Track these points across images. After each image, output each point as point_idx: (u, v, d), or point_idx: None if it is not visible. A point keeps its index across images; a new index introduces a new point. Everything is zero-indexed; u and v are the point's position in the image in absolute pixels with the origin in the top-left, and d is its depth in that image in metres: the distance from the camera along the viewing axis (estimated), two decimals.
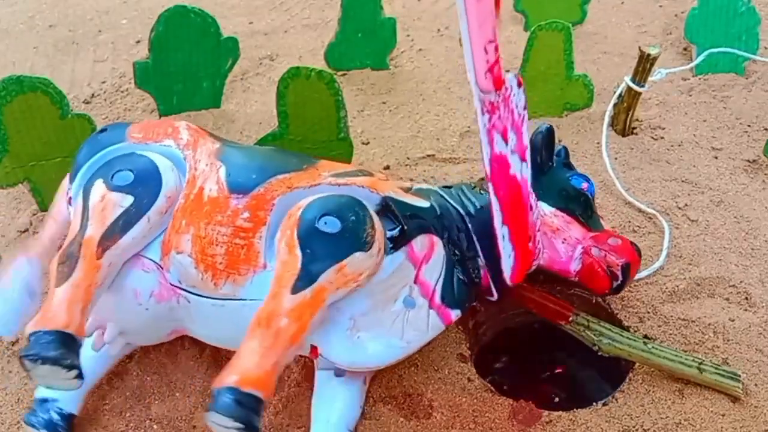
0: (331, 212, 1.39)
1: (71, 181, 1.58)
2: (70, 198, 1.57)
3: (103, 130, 1.65)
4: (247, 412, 1.19)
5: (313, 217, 1.38)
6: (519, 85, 1.42)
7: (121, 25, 3.14)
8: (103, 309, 1.49)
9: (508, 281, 1.59)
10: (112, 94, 2.65)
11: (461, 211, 1.61)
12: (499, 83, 1.37)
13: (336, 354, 1.45)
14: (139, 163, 1.51)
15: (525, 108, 1.45)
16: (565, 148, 1.85)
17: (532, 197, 1.58)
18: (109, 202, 1.45)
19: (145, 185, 1.47)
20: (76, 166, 1.58)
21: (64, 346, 1.28)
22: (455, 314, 1.55)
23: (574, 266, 1.68)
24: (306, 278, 1.33)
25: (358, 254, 1.36)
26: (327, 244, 1.36)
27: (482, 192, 1.66)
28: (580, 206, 1.73)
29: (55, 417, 1.53)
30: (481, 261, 1.59)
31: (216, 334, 1.54)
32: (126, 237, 1.42)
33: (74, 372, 1.28)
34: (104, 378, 1.64)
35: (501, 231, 1.52)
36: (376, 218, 1.44)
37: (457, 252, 1.58)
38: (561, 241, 1.69)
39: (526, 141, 1.48)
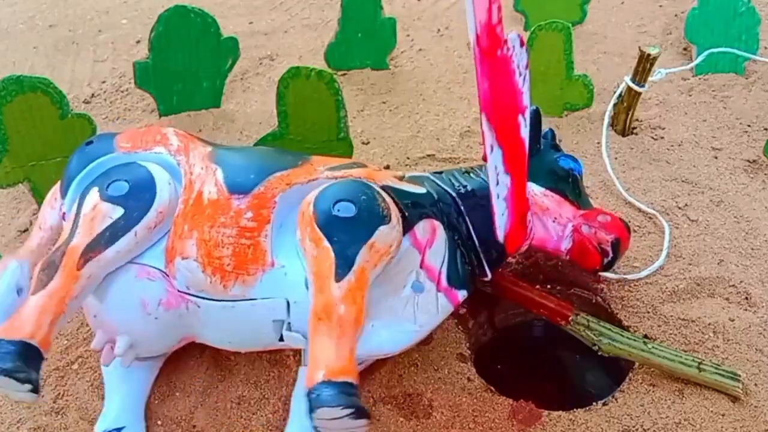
0: (342, 198, 1.41)
1: (63, 195, 1.57)
2: (64, 213, 1.56)
3: (89, 142, 1.63)
4: (349, 398, 1.21)
5: (328, 206, 1.40)
6: (521, 44, 1.40)
7: (121, 25, 3.14)
8: (111, 322, 1.49)
9: (500, 239, 1.59)
10: (112, 94, 2.65)
11: (452, 194, 1.64)
12: (499, 42, 1.36)
13: None
14: (135, 175, 1.50)
15: (527, 67, 1.43)
16: (551, 130, 1.86)
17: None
18: (99, 212, 1.44)
19: (137, 198, 1.46)
20: (66, 179, 1.57)
21: (22, 359, 1.26)
22: (462, 295, 1.57)
23: (565, 245, 1.70)
24: (344, 264, 1.35)
25: (382, 228, 1.40)
26: (350, 227, 1.38)
27: (473, 176, 1.68)
28: (569, 186, 1.75)
29: None
30: (475, 241, 1.61)
31: (228, 337, 1.54)
32: (110, 250, 1.41)
33: (28, 386, 1.26)
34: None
35: (496, 190, 1.52)
36: (383, 193, 1.47)
37: (456, 235, 1.59)
38: (552, 221, 1.71)
39: (527, 101, 1.48)
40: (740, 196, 2.14)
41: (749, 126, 2.42)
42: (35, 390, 1.27)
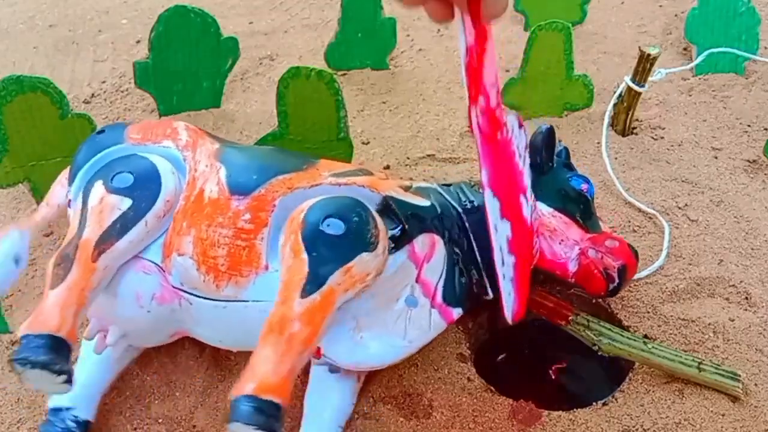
0: (334, 214, 1.38)
1: (70, 183, 1.58)
2: (70, 201, 1.56)
3: (101, 132, 1.64)
4: (268, 419, 1.18)
5: (317, 220, 1.37)
6: (520, 126, 1.36)
7: (121, 25, 3.14)
8: (105, 312, 1.49)
9: (509, 320, 1.56)
10: (112, 94, 2.65)
11: (458, 209, 1.62)
12: (499, 126, 1.36)
13: (339, 355, 1.45)
14: (139, 166, 1.50)
15: (526, 149, 1.42)
16: (566, 148, 1.84)
17: (531, 198, 1.58)
18: (107, 204, 1.44)
19: (144, 188, 1.46)
20: (74, 167, 1.58)
21: (54, 351, 1.27)
22: (457, 313, 1.55)
23: (571, 267, 1.67)
24: (314, 282, 1.31)
25: (364, 255, 1.36)
26: (333, 246, 1.35)
27: (481, 191, 1.66)
28: (578, 207, 1.72)
29: (72, 425, 1.52)
30: (478, 259, 1.59)
31: (219, 336, 1.54)
32: (122, 240, 1.41)
33: (63, 377, 1.27)
34: None
35: (502, 270, 1.47)
36: (378, 218, 1.44)
37: (457, 251, 1.58)
38: (558, 242, 1.68)
39: (528, 181, 1.43)
40: (740, 196, 2.14)
41: (749, 126, 2.42)
42: (69, 380, 1.29)
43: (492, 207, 1.42)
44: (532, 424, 1.58)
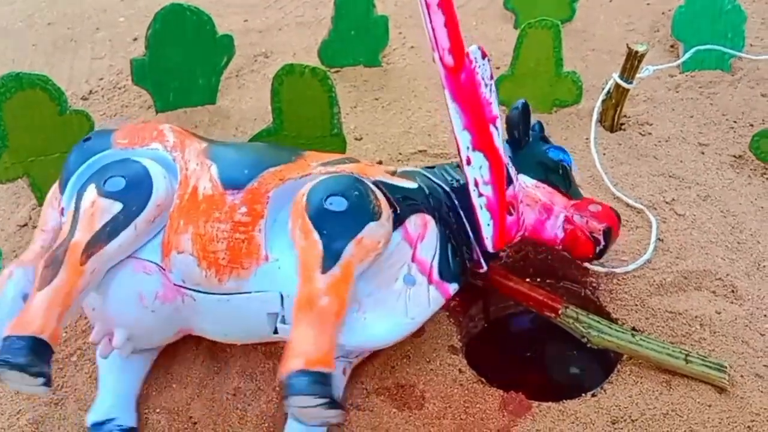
0: (335, 192, 1.44)
1: (62, 191, 1.59)
2: (63, 209, 1.58)
3: (87, 138, 1.65)
4: (324, 387, 1.24)
5: (320, 199, 1.43)
6: (483, 56, 1.44)
7: (119, 22, 3.16)
8: (109, 315, 1.51)
9: (490, 248, 1.63)
10: (109, 90, 2.67)
11: (446, 188, 1.66)
12: (462, 58, 1.40)
13: (346, 337, 1.47)
14: (131, 170, 1.52)
15: (492, 78, 1.47)
16: (539, 122, 1.88)
17: (512, 170, 1.62)
18: (98, 208, 1.46)
19: (135, 193, 1.48)
20: (65, 175, 1.59)
21: (34, 353, 1.29)
22: (453, 288, 1.59)
23: (558, 234, 1.72)
24: (331, 257, 1.38)
25: (372, 224, 1.42)
26: (340, 221, 1.41)
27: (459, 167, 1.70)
28: (559, 177, 1.77)
29: None
30: (470, 234, 1.64)
31: (224, 330, 1.57)
32: (112, 244, 1.43)
33: (41, 379, 1.29)
34: None
35: (478, 201, 1.56)
36: (376, 190, 1.49)
37: (448, 228, 1.61)
38: (544, 212, 1.72)
39: (496, 110, 1.51)
40: (726, 191, 2.17)
41: (735, 122, 2.45)
42: (48, 383, 1.30)
43: (463, 140, 1.47)
44: (522, 415, 1.60)
